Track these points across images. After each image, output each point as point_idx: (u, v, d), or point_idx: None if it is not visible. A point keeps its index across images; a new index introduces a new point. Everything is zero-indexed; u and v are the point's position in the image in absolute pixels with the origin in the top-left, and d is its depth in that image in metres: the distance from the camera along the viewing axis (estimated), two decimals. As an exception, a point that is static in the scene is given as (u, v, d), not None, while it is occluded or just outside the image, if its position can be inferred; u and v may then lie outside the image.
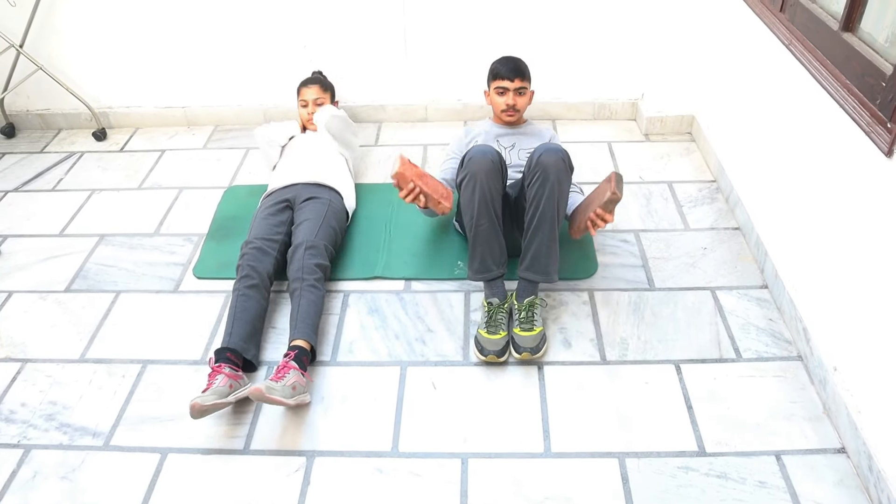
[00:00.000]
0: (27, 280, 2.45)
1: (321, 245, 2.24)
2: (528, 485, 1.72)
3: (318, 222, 2.31)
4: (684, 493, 1.69)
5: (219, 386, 1.83)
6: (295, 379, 1.84)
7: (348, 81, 3.23)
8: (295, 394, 1.82)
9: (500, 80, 2.46)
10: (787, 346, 2.06)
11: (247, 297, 2.10)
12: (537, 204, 2.07)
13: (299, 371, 1.88)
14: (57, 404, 1.99)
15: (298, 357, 1.92)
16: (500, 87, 2.46)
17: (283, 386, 1.79)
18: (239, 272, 2.16)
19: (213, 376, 1.88)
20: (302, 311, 2.05)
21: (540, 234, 2.08)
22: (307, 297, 2.09)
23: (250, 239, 2.26)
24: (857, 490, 1.68)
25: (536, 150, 2.09)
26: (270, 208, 2.39)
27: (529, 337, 2.02)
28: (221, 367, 1.90)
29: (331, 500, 1.71)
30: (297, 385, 1.84)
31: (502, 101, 2.48)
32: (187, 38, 3.13)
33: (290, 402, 1.79)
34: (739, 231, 2.52)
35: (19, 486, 1.77)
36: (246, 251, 2.21)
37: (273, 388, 1.76)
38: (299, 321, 2.03)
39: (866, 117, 1.67)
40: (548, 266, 2.11)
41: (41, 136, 3.38)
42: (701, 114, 3.03)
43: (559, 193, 2.07)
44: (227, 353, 1.95)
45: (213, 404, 1.77)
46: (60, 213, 2.79)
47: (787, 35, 2.12)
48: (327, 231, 2.31)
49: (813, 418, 1.85)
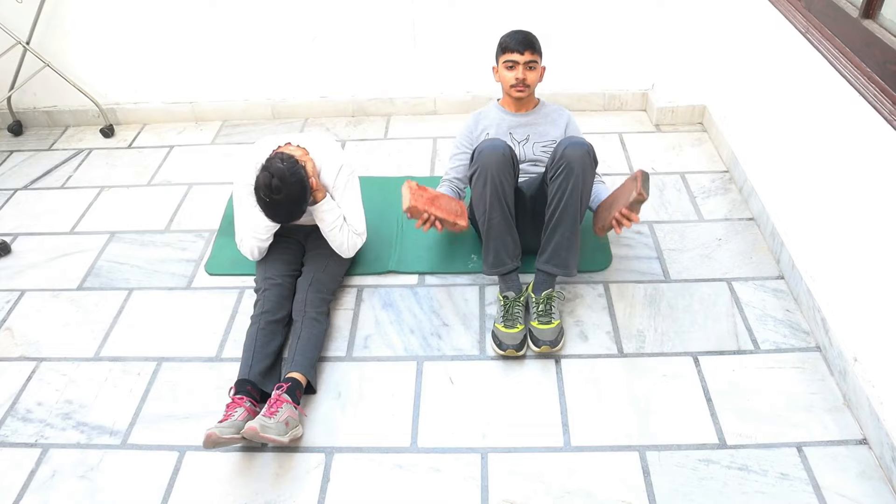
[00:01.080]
0: (39, 278, 2.44)
1: (328, 280, 2.19)
2: (548, 479, 1.72)
3: (328, 257, 2.23)
4: (706, 485, 1.68)
5: (237, 419, 1.78)
6: (288, 413, 1.80)
7: (357, 74, 3.21)
8: (288, 429, 1.78)
9: (510, 52, 2.24)
10: (806, 337, 2.05)
11: (266, 331, 2.04)
12: (560, 197, 2.05)
13: (292, 404, 1.83)
14: (73, 403, 1.99)
15: (291, 390, 1.87)
16: (510, 60, 2.24)
17: (276, 423, 1.74)
18: (259, 307, 2.10)
19: (231, 408, 1.83)
20: (301, 345, 2.01)
21: (562, 227, 2.07)
22: (308, 331, 2.05)
23: (268, 275, 2.16)
24: (880, 481, 1.67)
25: (561, 144, 2.07)
26: (276, 245, 2.24)
27: (548, 330, 2.00)
28: (243, 400, 1.86)
29: (351, 497, 1.71)
30: (290, 420, 1.80)
31: (511, 76, 2.26)
32: (194, 32, 3.12)
33: (283, 440, 1.74)
34: (754, 221, 2.50)
35: (39, 486, 1.77)
36: (267, 287, 2.13)
37: (267, 427, 1.71)
38: (297, 354, 1.99)
39: (888, 105, 1.65)
40: (568, 259, 2.10)
41: (49, 133, 3.37)
42: (713, 104, 3.00)
43: (583, 188, 2.05)
44: (247, 387, 1.91)
45: (229, 438, 1.73)
46: (70, 211, 2.78)
47: (803, 23, 2.10)
48: (336, 266, 2.25)
49: (833, 409, 1.84)
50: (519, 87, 2.27)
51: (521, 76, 2.24)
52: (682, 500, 1.65)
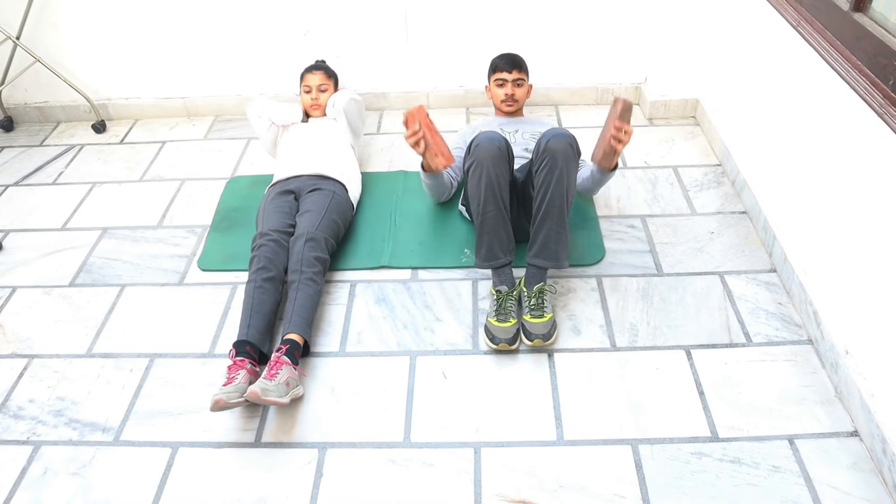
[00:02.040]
0: (31, 275, 2.43)
1: (321, 238, 2.23)
2: (541, 473, 1.72)
3: (321, 214, 2.29)
4: (698, 478, 1.68)
5: (240, 382, 1.82)
6: (288, 374, 1.84)
7: (350, 69, 3.20)
8: (289, 390, 1.82)
9: (499, 72, 2.62)
10: (798, 330, 2.05)
11: (263, 289, 2.08)
12: (546, 189, 2.06)
13: (291, 366, 1.87)
14: (65, 400, 1.98)
15: (290, 352, 1.91)
16: (500, 78, 2.62)
17: (276, 385, 1.78)
18: (255, 263, 2.14)
19: (233, 370, 1.87)
20: (297, 305, 2.04)
21: (549, 220, 2.08)
22: (304, 291, 2.08)
23: (265, 231, 2.22)
24: (871, 473, 1.68)
25: (544, 136, 2.08)
26: (277, 199, 2.38)
27: (541, 323, 2.01)
28: (244, 362, 1.89)
29: (344, 492, 1.71)
30: (290, 380, 1.84)
31: (501, 92, 2.62)
32: (186, 27, 3.10)
33: (284, 402, 1.78)
34: (746, 215, 2.51)
35: (30, 483, 1.76)
36: (262, 242, 2.18)
37: (268, 390, 1.75)
38: (294, 314, 2.02)
39: (879, 98, 1.66)
40: (557, 252, 2.10)
41: (40, 129, 3.35)
42: (705, 97, 3.01)
43: (567, 179, 2.06)
44: (246, 347, 1.94)
45: (236, 402, 1.77)
46: (62, 207, 2.77)
47: (794, 16, 2.10)
48: (329, 223, 2.29)
49: (825, 402, 1.85)
50: (508, 101, 2.63)
51: (510, 92, 2.62)
52: (674, 493, 1.66)
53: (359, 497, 1.69)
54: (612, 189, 2.67)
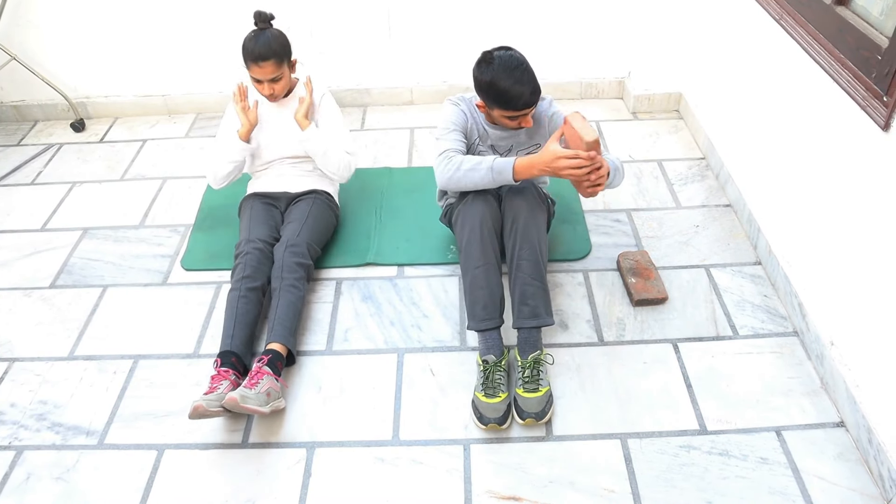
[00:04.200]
0: (10, 277, 2.39)
1: (303, 243, 2.19)
2: (531, 469, 1.72)
3: (303, 221, 2.25)
4: (687, 471, 1.69)
5: (222, 392, 1.80)
6: (269, 385, 1.81)
7: (332, 65, 3.17)
8: (270, 400, 1.80)
9: (512, 111, 1.93)
10: (783, 322, 2.07)
11: (247, 299, 2.04)
12: (513, 250, 1.96)
13: (273, 376, 1.85)
14: (48, 403, 1.95)
15: (272, 362, 1.88)
16: (512, 116, 1.96)
17: (256, 393, 1.76)
18: (239, 271, 2.10)
19: (216, 380, 1.85)
20: (280, 313, 2.01)
21: (521, 273, 1.94)
22: (286, 298, 2.05)
23: (251, 238, 2.17)
24: (856, 463, 1.69)
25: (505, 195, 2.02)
26: (262, 207, 2.31)
27: (535, 399, 1.80)
28: (228, 373, 1.87)
29: (333, 491, 1.69)
30: (272, 391, 1.81)
31: (511, 122, 1.99)
32: (165, 23, 3.06)
33: (264, 410, 1.76)
34: (731, 208, 2.52)
35: (13, 489, 1.73)
36: (248, 250, 2.13)
37: (247, 398, 1.73)
38: (276, 323, 2.00)
39: (861, 91, 1.66)
40: (536, 308, 1.92)
41: (17, 128, 3.29)
42: (688, 91, 3.01)
43: (536, 231, 1.96)
44: (231, 359, 1.92)
45: (216, 410, 1.74)
46: (41, 207, 2.72)
47: (777, 9, 2.10)
48: (311, 229, 2.25)
49: (811, 393, 1.86)
50: (515, 125, 2.02)
51: (522, 124, 2.00)
52: (664, 487, 1.66)
53: (348, 496, 1.68)
54: (598, 183, 2.67)
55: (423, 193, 2.63)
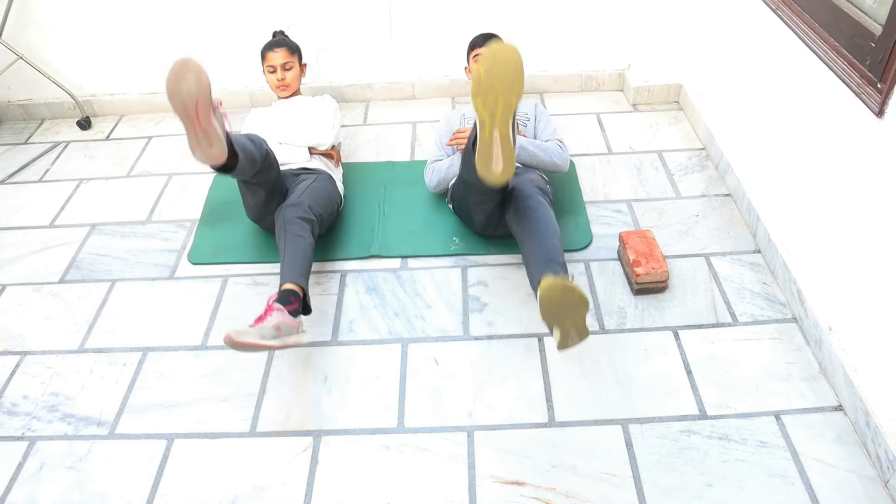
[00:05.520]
0: (20, 272, 2.43)
1: (304, 204, 2.17)
2: (534, 454, 1.75)
3: (303, 190, 2.27)
4: (687, 455, 1.72)
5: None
6: (278, 320, 1.70)
7: (334, 61, 3.20)
8: (280, 334, 1.67)
9: (478, 48, 2.55)
10: (782, 309, 2.09)
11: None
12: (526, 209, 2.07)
13: (283, 310, 1.74)
14: (59, 395, 1.99)
15: (283, 297, 1.81)
16: (478, 54, 2.51)
17: (260, 328, 1.64)
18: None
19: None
20: (287, 258, 1.98)
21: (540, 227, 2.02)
22: (291, 245, 2.00)
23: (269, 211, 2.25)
24: (855, 446, 1.71)
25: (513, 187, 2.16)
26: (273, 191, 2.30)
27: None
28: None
29: (339, 479, 1.73)
30: (283, 325, 1.69)
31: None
32: (170, 20, 3.09)
33: (270, 344, 1.63)
34: (730, 197, 2.54)
35: (27, 478, 1.77)
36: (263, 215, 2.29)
37: (242, 332, 1.58)
38: (286, 267, 1.96)
39: (856, 78, 1.69)
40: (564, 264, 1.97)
41: (24, 126, 3.33)
42: (688, 82, 3.03)
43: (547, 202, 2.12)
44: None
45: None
46: (49, 204, 2.76)
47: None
48: (311, 195, 2.25)
49: (809, 378, 1.89)
50: None
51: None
52: (664, 471, 1.69)
53: (354, 483, 1.72)
54: (598, 174, 2.69)
55: (425, 187, 2.65)
